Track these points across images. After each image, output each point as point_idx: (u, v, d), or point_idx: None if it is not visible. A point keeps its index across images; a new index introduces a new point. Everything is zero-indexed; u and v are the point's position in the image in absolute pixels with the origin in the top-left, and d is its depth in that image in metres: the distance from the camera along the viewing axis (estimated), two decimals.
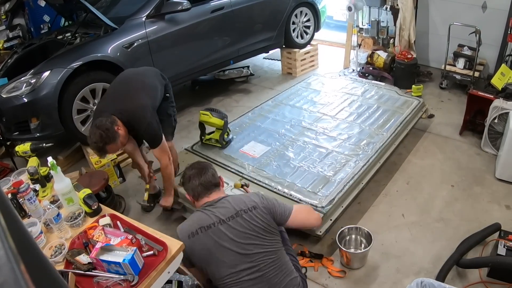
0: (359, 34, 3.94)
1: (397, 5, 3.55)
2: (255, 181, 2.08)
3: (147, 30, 2.83)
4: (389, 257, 1.90)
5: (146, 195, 2.30)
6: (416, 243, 1.96)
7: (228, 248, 1.36)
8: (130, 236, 1.31)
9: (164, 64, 2.99)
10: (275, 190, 2.03)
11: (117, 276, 1.22)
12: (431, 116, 3.05)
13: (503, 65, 2.86)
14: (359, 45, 3.96)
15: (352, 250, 1.90)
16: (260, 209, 1.41)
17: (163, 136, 1.99)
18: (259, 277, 1.36)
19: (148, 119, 1.88)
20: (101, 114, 1.86)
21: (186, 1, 2.86)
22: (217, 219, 1.39)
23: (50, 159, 1.51)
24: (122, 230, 1.42)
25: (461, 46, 3.39)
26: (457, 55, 3.35)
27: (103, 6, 3.29)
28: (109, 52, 2.65)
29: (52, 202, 1.60)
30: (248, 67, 4.02)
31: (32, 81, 2.41)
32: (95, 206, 1.53)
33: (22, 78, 2.44)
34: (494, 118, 2.45)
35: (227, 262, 1.36)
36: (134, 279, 1.21)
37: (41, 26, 4.05)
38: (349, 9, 3.73)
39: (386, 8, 3.69)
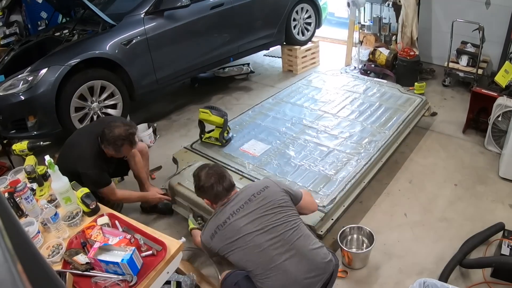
0: (361, 31, 3.92)
1: (399, 1, 3.52)
2: (256, 180, 2.06)
3: (146, 27, 2.81)
4: (391, 257, 1.88)
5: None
6: (419, 243, 1.95)
7: (246, 228, 1.37)
8: (128, 236, 1.31)
9: (163, 61, 2.96)
10: None
11: (115, 276, 1.21)
12: (434, 114, 3.03)
13: (507, 62, 2.84)
14: (361, 42, 3.94)
15: (354, 250, 1.89)
16: (273, 188, 1.46)
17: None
18: (287, 249, 1.35)
19: (90, 171, 1.80)
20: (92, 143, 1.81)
21: None
22: (231, 211, 1.41)
23: (47, 157, 1.51)
24: (120, 229, 1.42)
25: (464, 43, 3.37)
26: (460, 52, 3.33)
27: (101, 2, 3.27)
28: (107, 49, 2.63)
29: (50, 201, 1.60)
30: (248, 64, 4.00)
31: (29, 79, 2.39)
32: (93, 205, 1.53)
33: (19, 76, 2.43)
34: (498, 116, 2.43)
35: (250, 240, 1.35)
36: (132, 279, 1.20)
37: (38, 23, 4.02)
38: (348, 5, 3.70)
39: (388, 4, 3.66)
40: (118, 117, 2.21)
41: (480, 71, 3.21)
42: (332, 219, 1.89)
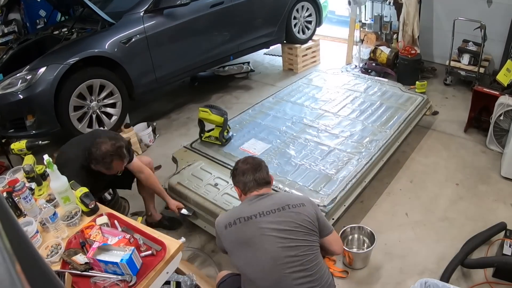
0: (361, 29, 3.90)
1: None
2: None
3: (145, 25, 2.79)
4: (393, 257, 1.88)
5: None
6: (420, 243, 1.94)
7: (270, 235, 1.26)
8: (128, 236, 1.29)
9: (163, 59, 2.95)
10: (276, 188, 1.99)
11: (114, 276, 1.20)
12: (435, 113, 3.02)
13: (508, 61, 2.83)
14: (362, 41, 3.92)
15: (354, 250, 1.88)
16: (309, 208, 1.34)
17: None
18: (302, 270, 1.25)
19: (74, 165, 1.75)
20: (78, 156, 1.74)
21: None
22: (260, 210, 1.30)
23: (46, 157, 1.49)
24: (119, 229, 1.40)
25: (466, 41, 3.36)
26: (461, 51, 3.32)
27: (100, 0, 3.24)
28: (106, 47, 2.61)
29: (48, 201, 1.58)
30: (248, 63, 3.98)
31: (27, 77, 2.38)
32: (92, 205, 1.51)
33: (18, 74, 2.41)
34: (500, 115, 2.42)
35: (268, 249, 1.25)
36: (132, 279, 1.19)
37: (37, 21, 4.00)
38: (349, 3, 3.68)
39: (389, 2, 3.64)
40: (105, 130, 2.16)
41: (481, 70, 3.20)
42: (333, 219, 1.88)
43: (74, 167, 1.71)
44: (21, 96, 2.36)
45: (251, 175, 1.39)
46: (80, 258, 1.26)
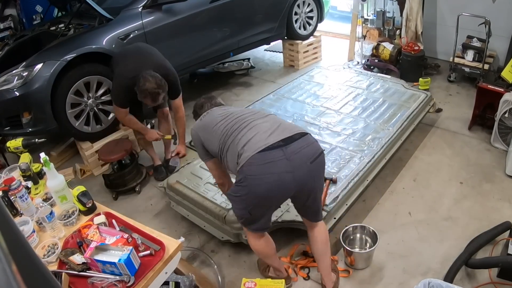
0: (364, 25, 3.87)
1: None
2: None
3: (143, 21, 2.76)
4: (395, 257, 1.86)
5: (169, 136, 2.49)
6: (424, 243, 1.92)
7: (222, 116, 1.53)
8: (126, 235, 1.29)
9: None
10: None
11: (112, 276, 1.20)
12: (439, 110, 2.99)
13: None
14: (364, 37, 3.89)
15: (356, 250, 1.86)
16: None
17: None
18: (261, 117, 1.48)
19: (174, 71, 2.27)
20: (134, 74, 2.08)
21: None
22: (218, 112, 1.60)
23: (42, 155, 1.49)
24: (117, 229, 1.39)
25: (470, 37, 3.32)
26: (466, 47, 3.28)
27: None
28: (104, 43, 2.58)
29: (45, 200, 1.58)
30: (248, 59, 3.96)
31: (24, 74, 2.35)
32: (90, 204, 1.51)
33: (14, 71, 2.38)
34: (505, 112, 2.39)
35: (222, 120, 1.51)
36: (130, 279, 1.18)
37: (34, 17, 3.98)
38: None
39: None
40: (159, 61, 2.26)
41: (486, 66, 3.17)
42: (335, 218, 1.87)
43: (127, 78, 2.12)
44: (17, 93, 2.33)
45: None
46: (78, 258, 1.25)
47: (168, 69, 2.23)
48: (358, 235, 1.92)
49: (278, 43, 4.20)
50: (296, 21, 3.82)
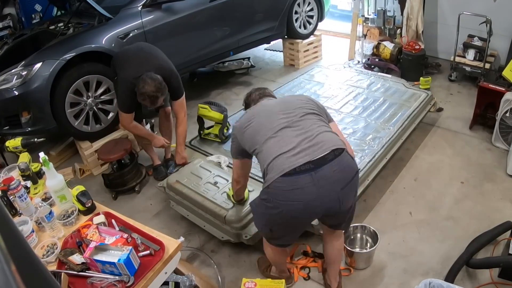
0: (364, 24, 3.86)
1: None
2: (256, 177, 2.01)
3: (143, 20, 2.75)
4: (396, 257, 1.85)
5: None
6: (424, 243, 1.91)
7: (266, 111, 1.44)
8: (125, 235, 1.29)
9: None
10: None
11: (112, 277, 1.19)
12: (440, 109, 2.99)
13: None
14: (365, 36, 3.88)
15: (357, 250, 1.86)
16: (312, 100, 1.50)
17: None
18: (296, 127, 1.34)
19: (176, 71, 2.24)
20: (136, 76, 2.06)
21: None
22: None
23: (42, 154, 1.48)
24: (117, 228, 1.39)
25: (471, 36, 3.30)
26: (467, 46, 3.27)
27: None
28: (103, 43, 2.57)
29: (44, 200, 1.57)
30: (248, 58, 3.94)
31: (23, 73, 2.34)
32: (89, 204, 1.50)
33: (13, 70, 2.37)
34: (506, 112, 2.38)
35: (263, 118, 1.41)
36: (129, 280, 1.18)
37: (33, 16, 3.96)
38: None
39: None
40: (160, 62, 2.21)
41: (487, 66, 3.15)
42: None
43: (130, 83, 2.10)
44: (16, 93, 2.32)
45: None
46: (77, 258, 1.25)
47: (170, 70, 2.20)
48: (358, 235, 1.91)
49: (278, 42, 4.19)
50: (296, 20, 3.81)
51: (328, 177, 1.23)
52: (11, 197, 1.46)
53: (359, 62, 3.87)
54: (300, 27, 3.88)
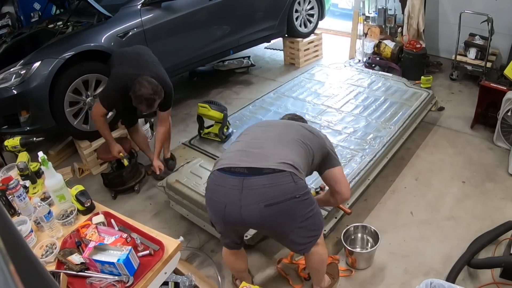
0: (365, 22, 3.84)
1: None
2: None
3: (142, 18, 2.74)
4: (397, 257, 1.84)
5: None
6: (425, 242, 1.90)
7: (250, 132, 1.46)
8: (124, 235, 1.28)
9: (161, 54, 2.86)
10: None
11: (111, 277, 1.19)
12: (441, 108, 2.97)
13: None
14: (365, 34, 3.87)
15: (358, 250, 1.85)
16: (319, 136, 1.45)
17: None
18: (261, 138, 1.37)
19: (170, 82, 2.21)
20: (132, 76, 2.04)
21: None
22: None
23: (40, 154, 1.48)
24: (116, 228, 1.39)
25: (472, 35, 3.29)
26: (468, 45, 3.25)
27: None
28: (102, 41, 2.56)
29: (43, 199, 1.57)
30: (248, 57, 3.94)
31: (22, 72, 2.33)
32: (88, 204, 1.50)
33: (12, 69, 2.36)
34: (507, 111, 2.37)
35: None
36: (129, 280, 1.18)
37: (31, 14, 3.95)
38: None
39: None
40: (157, 69, 2.19)
41: (489, 64, 3.14)
42: (336, 218, 1.85)
43: (120, 81, 2.08)
44: (15, 92, 2.31)
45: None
46: (76, 258, 1.24)
47: (164, 81, 2.16)
48: (359, 235, 1.90)
49: (278, 41, 4.18)
50: (296, 18, 3.79)
51: (254, 188, 1.19)
52: (10, 196, 1.45)
53: (359, 61, 3.85)
54: (300, 26, 3.87)
